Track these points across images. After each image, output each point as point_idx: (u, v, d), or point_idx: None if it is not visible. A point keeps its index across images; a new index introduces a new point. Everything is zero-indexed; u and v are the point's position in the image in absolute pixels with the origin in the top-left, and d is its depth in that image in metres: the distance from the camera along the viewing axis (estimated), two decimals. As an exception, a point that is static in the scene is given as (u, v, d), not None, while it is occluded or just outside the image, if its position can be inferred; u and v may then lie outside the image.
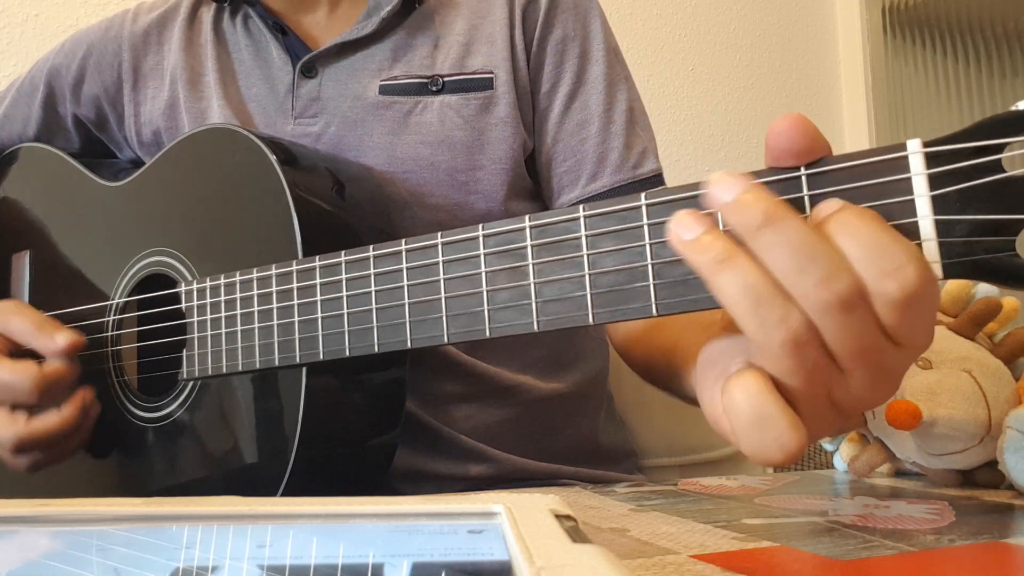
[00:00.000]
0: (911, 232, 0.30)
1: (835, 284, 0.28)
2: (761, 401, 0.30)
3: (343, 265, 0.46)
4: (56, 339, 0.59)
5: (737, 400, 0.30)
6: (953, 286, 0.55)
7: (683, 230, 0.31)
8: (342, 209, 0.60)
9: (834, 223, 0.30)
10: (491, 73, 0.69)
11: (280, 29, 0.72)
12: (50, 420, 0.59)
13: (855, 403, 0.32)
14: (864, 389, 0.31)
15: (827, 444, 0.59)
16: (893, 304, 0.29)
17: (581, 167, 0.71)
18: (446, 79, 0.69)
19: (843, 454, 0.58)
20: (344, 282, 0.46)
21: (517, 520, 0.23)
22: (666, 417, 0.91)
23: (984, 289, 0.55)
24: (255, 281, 0.51)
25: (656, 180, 0.71)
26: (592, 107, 0.71)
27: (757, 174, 0.33)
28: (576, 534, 0.22)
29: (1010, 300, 0.54)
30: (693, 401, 0.42)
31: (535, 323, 0.38)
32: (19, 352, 0.61)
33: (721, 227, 0.32)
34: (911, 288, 0.28)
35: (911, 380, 0.50)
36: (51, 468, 0.61)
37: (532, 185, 0.73)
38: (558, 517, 0.23)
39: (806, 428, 0.30)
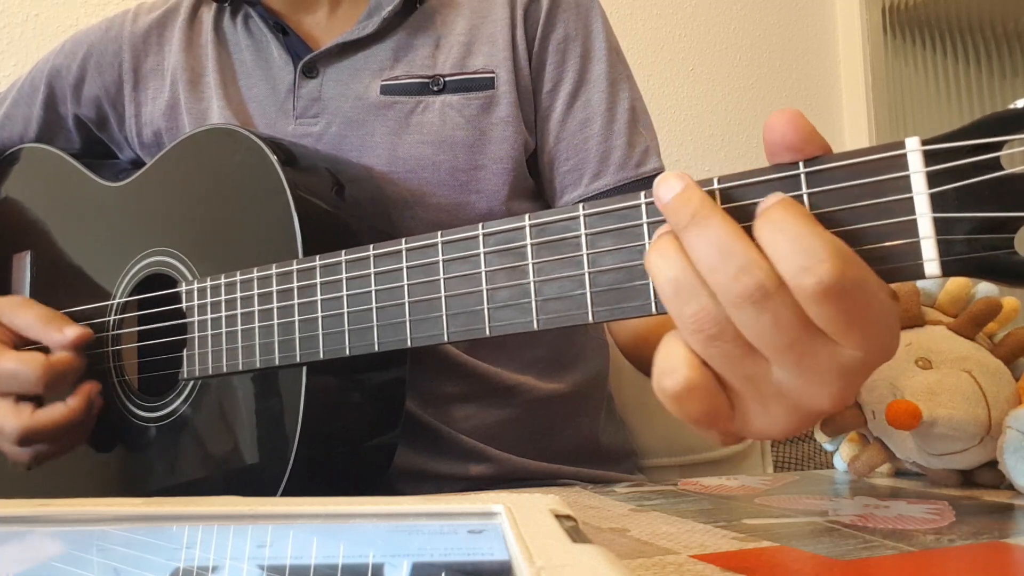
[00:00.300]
0: (909, 229, 0.30)
1: (745, 278, 0.30)
2: (674, 340, 0.33)
3: (343, 264, 0.46)
4: (65, 332, 0.60)
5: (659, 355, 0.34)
6: (953, 286, 0.55)
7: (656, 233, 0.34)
8: (342, 209, 0.60)
9: (762, 218, 0.31)
10: (492, 73, 0.69)
11: (281, 29, 0.72)
12: (56, 412, 0.59)
13: (801, 399, 0.32)
14: (799, 385, 0.32)
15: (827, 444, 0.59)
16: (812, 298, 0.29)
17: (584, 166, 0.71)
18: (447, 79, 0.69)
19: (843, 454, 0.58)
20: (344, 281, 0.46)
21: (517, 520, 0.23)
22: (666, 417, 0.90)
23: (984, 289, 0.55)
24: (255, 281, 0.51)
25: None
26: (594, 106, 0.71)
27: (757, 172, 0.33)
28: (576, 534, 0.22)
29: (1010, 300, 0.54)
30: None
31: (535, 322, 0.38)
32: (25, 346, 0.61)
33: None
34: (827, 282, 0.29)
35: (911, 380, 0.50)
36: (52, 462, 0.61)
37: (533, 185, 0.73)
38: (558, 517, 0.23)
39: (742, 420, 0.33)
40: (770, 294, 0.30)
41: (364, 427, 0.59)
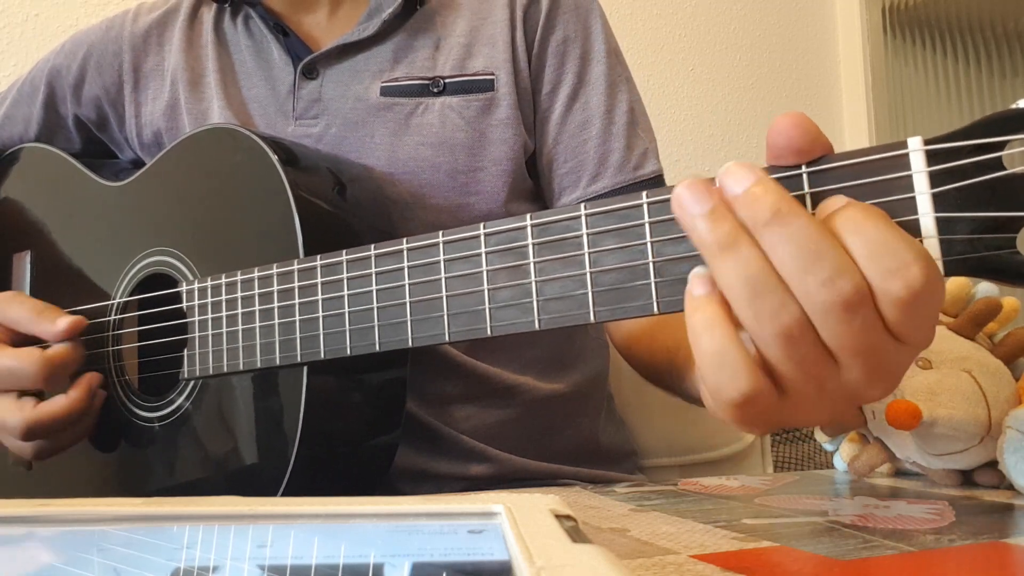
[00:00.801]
0: (912, 229, 0.30)
1: (840, 285, 0.29)
2: (723, 337, 0.30)
3: (344, 264, 0.46)
4: (57, 323, 0.59)
5: (701, 335, 0.31)
6: (953, 286, 0.55)
7: (692, 201, 0.31)
8: (343, 209, 0.60)
9: (840, 220, 0.30)
10: (492, 75, 0.69)
11: (281, 30, 0.72)
12: (58, 404, 0.58)
13: (850, 396, 0.32)
14: (860, 384, 0.31)
15: (827, 444, 0.59)
16: (898, 303, 0.29)
17: (582, 168, 0.71)
18: (447, 80, 0.69)
19: (843, 454, 0.58)
20: (345, 281, 0.46)
21: (517, 520, 0.23)
22: (666, 417, 0.91)
23: (984, 289, 0.55)
24: (256, 280, 0.51)
25: (657, 181, 0.72)
26: (593, 108, 0.71)
27: (760, 172, 0.33)
28: (576, 534, 0.22)
29: (1010, 300, 0.54)
30: (695, 400, 0.42)
31: (536, 321, 0.38)
32: (21, 341, 0.61)
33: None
34: (916, 287, 0.28)
35: (911, 380, 0.50)
36: (53, 462, 0.61)
37: (533, 186, 0.73)
38: (558, 517, 0.23)
39: (791, 411, 0.31)
40: (865, 299, 0.29)
41: (365, 427, 0.59)
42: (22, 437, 0.58)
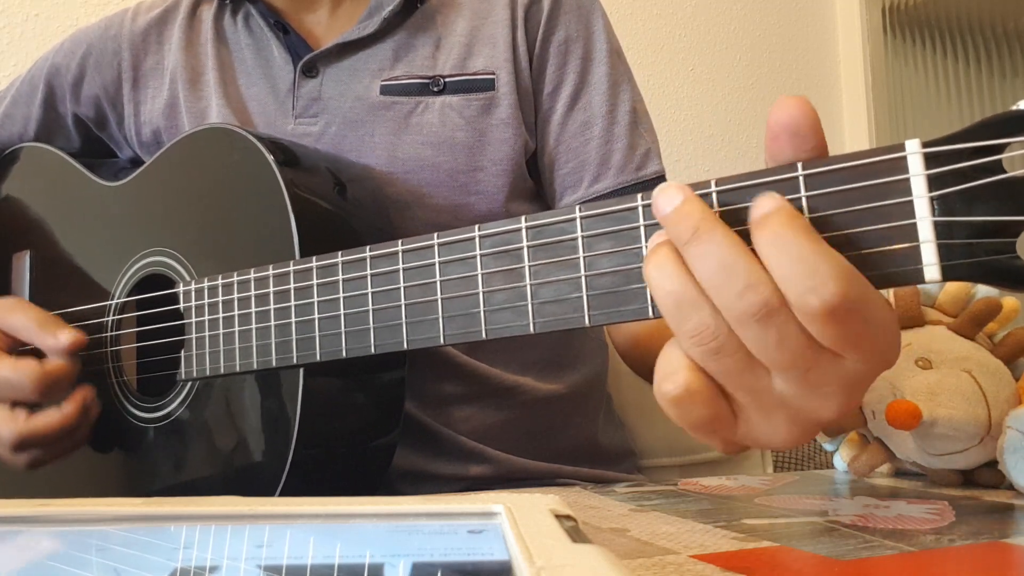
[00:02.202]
0: (910, 234, 0.30)
1: (751, 296, 0.30)
2: (676, 345, 0.33)
3: (340, 266, 0.46)
4: (59, 337, 0.59)
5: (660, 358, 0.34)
6: (953, 286, 0.55)
7: (650, 242, 0.34)
8: (340, 209, 0.60)
9: (763, 233, 0.30)
10: (493, 74, 0.69)
11: (281, 28, 0.72)
12: (51, 418, 0.58)
13: (803, 410, 0.32)
14: (803, 397, 0.32)
15: (827, 444, 0.59)
16: (815, 317, 0.29)
17: (584, 168, 0.70)
18: (447, 80, 0.69)
19: (843, 454, 0.58)
20: (341, 283, 0.46)
21: (517, 520, 0.23)
22: (666, 418, 0.90)
23: (984, 289, 0.55)
24: (252, 281, 0.51)
25: (659, 181, 0.71)
26: (595, 108, 0.71)
27: (756, 175, 0.33)
28: (576, 534, 0.22)
29: (1010, 300, 0.54)
30: None
31: (531, 325, 0.38)
32: (20, 349, 0.61)
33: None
34: (832, 302, 0.29)
35: (911, 380, 0.50)
36: (50, 467, 0.61)
37: (533, 186, 0.73)
38: (558, 517, 0.23)
39: (745, 430, 0.33)
40: (775, 311, 0.30)
41: (363, 428, 0.59)
42: (13, 449, 0.58)
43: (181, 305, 0.57)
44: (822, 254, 0.29)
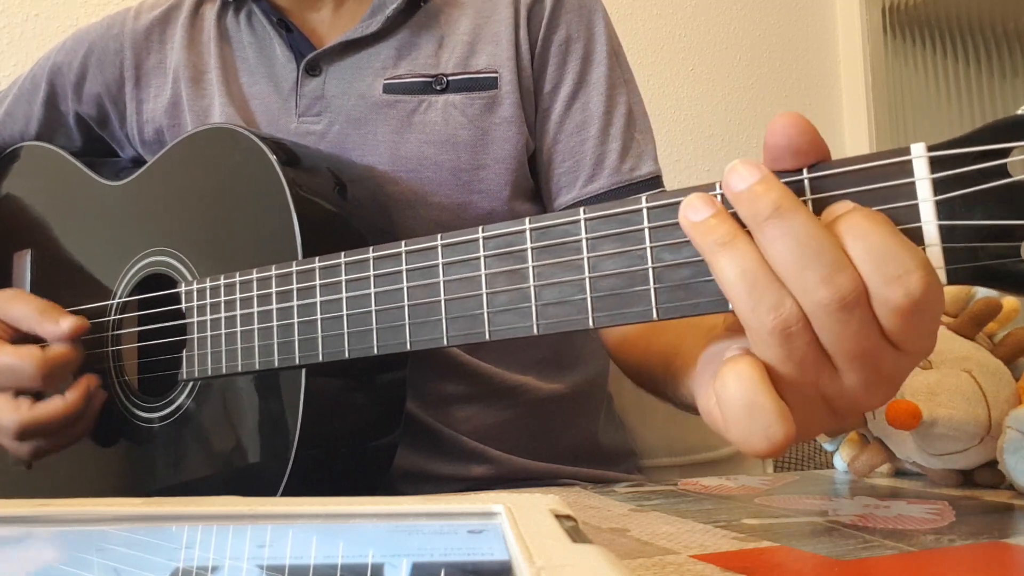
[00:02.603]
0: (915, 236, 0.30)
1: (838, 282, 0.29)
2: (753, 387, 0.30)
3: (343, 266, 0.46)
4: (60, 323, 0.59)
5: (729, 385, 0.30)
6: (953, 287, 0.55)
7: (692, 212, 0.32)
8: (343, 209, 0.60)
9: (844, 224, 0.29)
10: (495, 73, 0.69)
11: (284, 26, 0.72)
12: (54, 406, 0.58)
13: (850, 403, 0.32)
14: (859, 390, 0.31)
15: (827, 444, 0.59)
16: (897, 310, 0.29)
17: (579, 168, 0.71)
18: (450, 78, 0.69)
19: (843, 454, 0.58)
20: (344, 283, 0.46)
21: (517, 520, 0.23)
22: (666, 417, 0.91)
23: (984, 289, 0.55)
24: (255, 282, 0.51)
25: (654, 182, 0.71)
26: (592, 109, 0.71)
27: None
28: (576, 534, 0.22)
29: (1010, 300, 0.54)
30: (688, 407, 0.42)
31: (535, 326, 0.38)
32: (21, 339, 0.61)
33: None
34: (917, 295, 0.28)
35: (911, 380, 0.50)
36: (52, 462, 0.61)
37: (534, 185, 0.73)
38: (558, 517, 0.23)
39: (796, 422, 0.31)
40: (861, 299, 0.29)
41: (364, 428, 0.59)
42: (16, 437, 0.58)
43: (183, 305, 0.57)
44: (905, 245, 0.29)
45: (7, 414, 0.58)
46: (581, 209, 0.36)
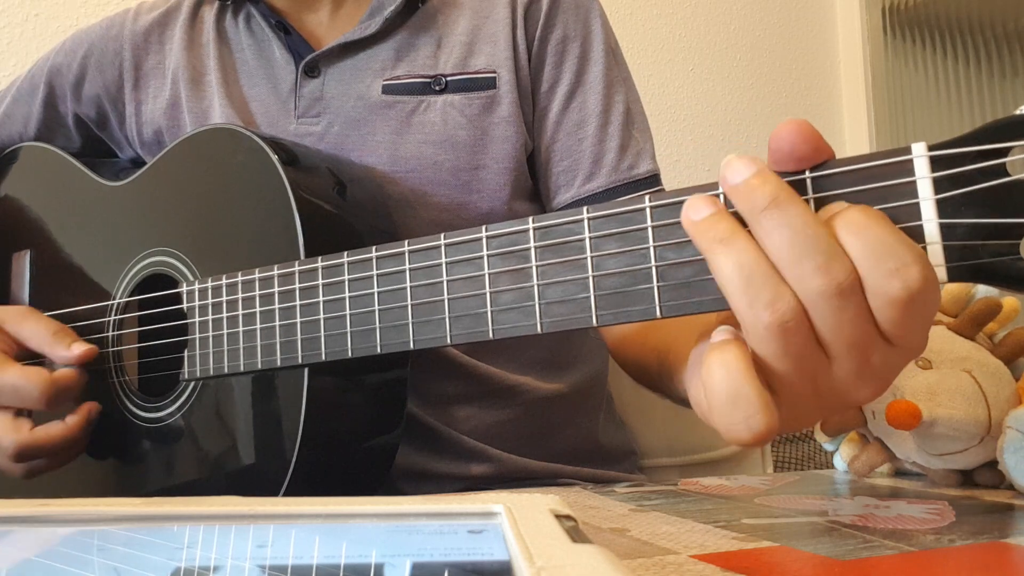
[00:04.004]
0: (916, 235, 0.30)
1: (834, 270, 0.29)
2: (738, 376, 0.30)
3: (346, 266, 0.46)
4: (72, 348, 0.59)
5: (715, 372, 0.31)
6: (953, 286, 0.55)
7: (693, 212, 0.32)
8: (344, 210, 0.60)
9: (841, 221, 0.30)
10: (494, 73, 0.69)
11: (283, 28, 0.72)
12: (55, 430, 0.58)
13: (839, 397, 0.32)
14: (850, 383, 0.31)
15: (827, 444, 0.59)
16: (895, 303, 0.29)
17: (578, 167, 0.71)
18: (449, 79, 0.69)
19: (843, 454, 0.58)
20: (347, 283, 0.46)
21: (517, 520, 0.23)
22: (666, 417, 0.91)
23: (984, 289, 0.55)
24: (257, 281, 0.51)
25: (652, 181, 0.71)
26: (590, 107, 0.71)
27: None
28: (576, 534, 0.22)
29: (1010, 300, 0.54)
30: (682, 401, 0.42)
31: (538, 325, 0.38)
32: (25, 357, 0.61)
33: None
34: (915, 287, 0.29)
35: (911, 380, 0.50)
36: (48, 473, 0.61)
37: (533, 185, 0.73)
38: (558, 517, 0.23)
39: (785, 415, 0.31)
40: (855, 288, 0.29)
41: (366, 427, 0.59)
42: (13, 458, 0.58)
43: (184, 305, 0.57)
44: (903, 240, 0.29)
45: (7, 434, 0.57)
46: (584, 208, 0.37)
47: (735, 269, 0.30)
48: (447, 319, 0.41)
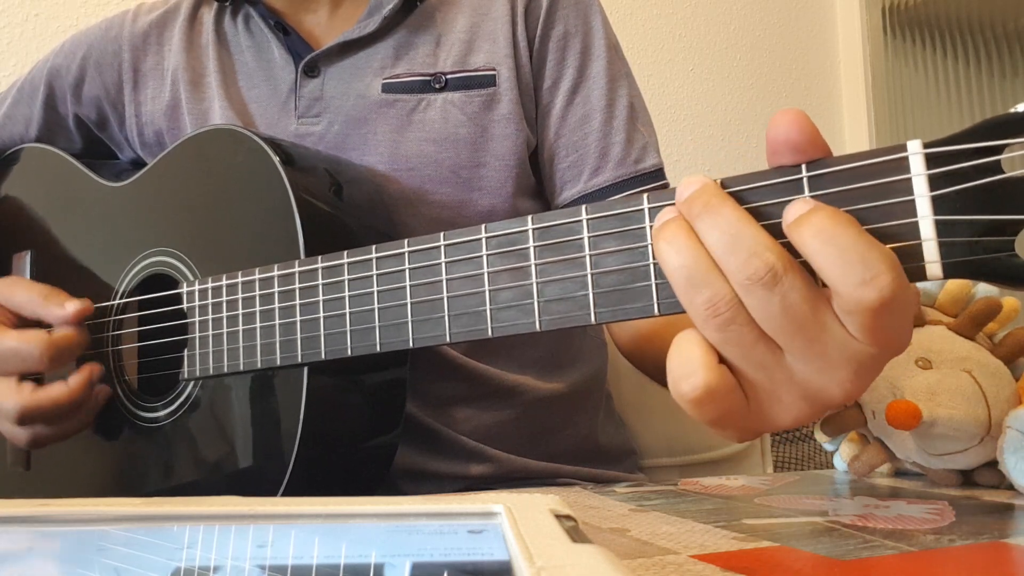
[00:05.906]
0: (911, 232, 0.30)
1: (756, 261, 0.31)
2: (688, 340, 0.34)
3: (346, 266, 0.46)
4: (65, 306, 0.59)
5: (674, 343, 0.34)
6: (953, 286, 0.55)
7: (656, 222, 0.35)
8: (344, 210, 0.60)
9: (810, 229, 0.30)
10: (494, 70, 0.69)
11: (282, 29, 0.72)
12: (57, 391, 0.58)
13: (810, 390, 0.33)
14: (812, 376, 0.32)
15: (827, 444, 0.59)
16: (867, 311, 0.29)
17: (584, 162, 0.71)
18: (449, 76, 0.69)
19: (843, 454, 0.58)
20: (347, 282, 0.46)
21: (517, 520, 0.23)
22: (666, 417, 0.91)
23: (984, 289, 0.55)
24: (257, 281, 0.51)
25: (658, 174, 0.72)
26: (594, 102, 0.71)
27: (760, 175, 0.33)
28: (576, 534, 0.22)
29: (1010, 300, 0.54)
30: None
31: (537, 323, 0.38)
32: (23, 325, 0.61)
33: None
34: (888, 295, 0.29)
35: (911, 380, 0.50)
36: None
37: (536, 182, 0.73)
38: (558, 517, 0.23)
39: (755, 408, 0.33)
40: (779, 277, 0.30)
41: (365, 427, 0.59)
42: (17, 421, 0.58)
43: (184, 305, 0.57)
44: (872, 245, 0.30)
45: (9, 397, 0.57)
46: (583, 208, 0.37)
47: (676, 267, 0.33)
48: (446, 317, 0.41)
